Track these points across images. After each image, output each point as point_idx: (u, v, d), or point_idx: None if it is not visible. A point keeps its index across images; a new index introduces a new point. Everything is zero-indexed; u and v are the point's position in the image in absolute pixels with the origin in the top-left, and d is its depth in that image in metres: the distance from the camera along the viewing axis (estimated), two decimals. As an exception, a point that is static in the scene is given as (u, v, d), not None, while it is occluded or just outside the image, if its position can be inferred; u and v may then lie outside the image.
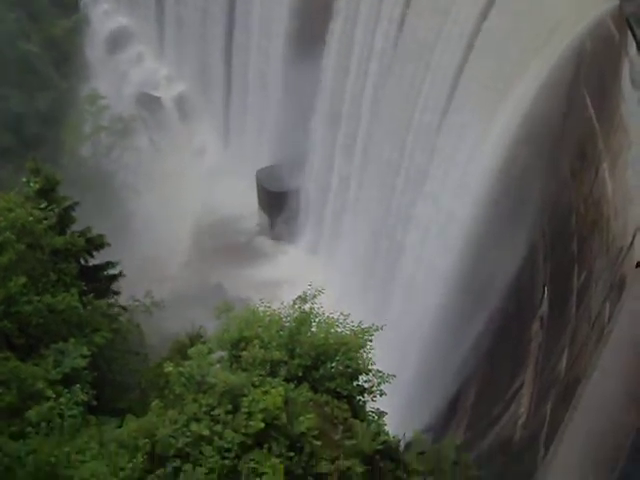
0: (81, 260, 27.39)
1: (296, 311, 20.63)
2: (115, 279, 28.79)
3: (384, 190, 45.32)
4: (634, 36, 26.48)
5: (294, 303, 20.82)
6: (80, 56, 65.06)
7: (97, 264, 28.21)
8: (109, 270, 28.49)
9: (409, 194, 42.49)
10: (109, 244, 27.88)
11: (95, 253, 28.00)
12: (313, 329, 20.35)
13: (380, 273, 46.39)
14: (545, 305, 30.49)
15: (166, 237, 55.93)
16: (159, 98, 66.88)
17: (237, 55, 59.97)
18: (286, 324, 20.47)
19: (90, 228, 27.84)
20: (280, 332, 20.16)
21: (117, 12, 70.16)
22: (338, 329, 20.52)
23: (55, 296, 23.77)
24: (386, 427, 20.62)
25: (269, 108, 56.62)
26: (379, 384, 20.51)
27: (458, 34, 37.29)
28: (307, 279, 24.00)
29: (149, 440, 17.91)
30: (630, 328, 16.92)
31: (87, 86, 63.68)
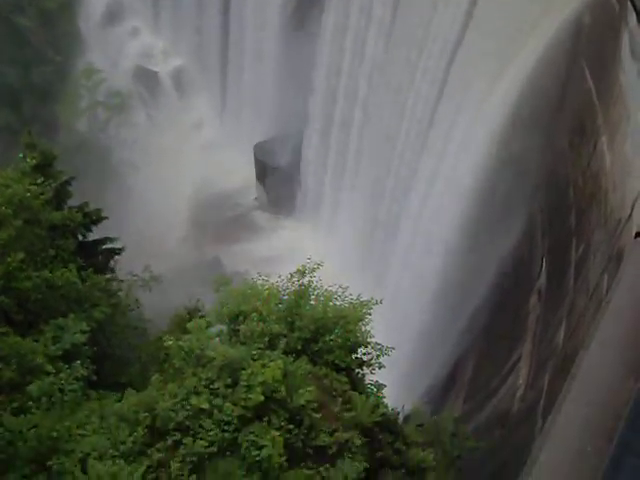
0: (79, 236, 27.33)
1: (294, 284, 20.66)
2: (116, 254, 28.74)
3: (382, 163, 45.21)
4: (634, 7, 26.21)
5: (292, 276, 20.83)
6: (75, 30, 64.43)
7: (96, 239, 28.14)
8: (107, 245, 28.43)
9: (407, 166, 42.39)
10: (106, 217, 27.79)
11: (93, 228, 27.93)
12: (312, 302, 20.41)
13: (378, 246, 46.44)
14: (543, 278, 30.54)
15: (164, 212, 55.89)
16: (156, 73, 66.46)
17: (234, 28, 59.49)
18: (284, 297, 20.52)
19: (87, 203, 27.73)
20: (279, 305, 20.21)
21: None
22: (337, 302, 20.56)
23: (53, 272, 23.73)
24: (385, 400, 20.73)
25: (266, 82, 56.31)
26: (378, 357, 20.60)
27: (455, 5, 37.05)
28: (305, 253, 24.01)
29: (149, 414, 18.01)
30: (628, 298, 16.95)
31: (82, 61, 63.27)
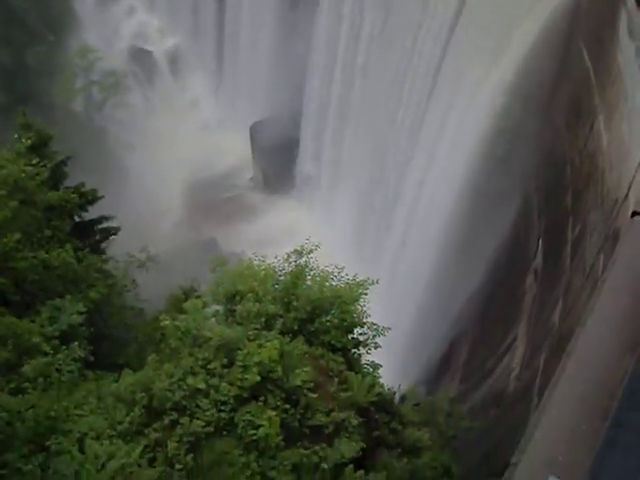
0: (75, 216, 27.26)
1: (291, 265, 20.65)
2: (112, 234, 28.70)
3: (380, 143, 45.07)
4: (631, -15, 26.07)
5: (289, 257, 20.82)
6: (70, 10, 63.96)
7: (92, 219, 28.09)
8: (104, 224, 28.39)
9: (404, 147, 42.29)
10: (102, 197, 27.71)
11: (89, 209, 27.87)
12: (308, 282, 20.41)
13: (375, 227, 46.42)
14: (539, 258, 30.55)
15: (160, 192, 55.79)
16: (151, 52, 66.08)
17: (230, 7, 59.16)
18: (281, 278, 20.52)
19: (83, 183, 27.64)
20: (275, 286, 20.22)
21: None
22: (333, 282, 20.57)
23: (50, 252, 23.71)
24: (381, 380, 20.79)
25: (262, 61, 56.02)
26: (374, 337, 20.64)
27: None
28: (302, 233, 24.02)
29: (146, 394, 18.08)
30: (625, 277, 16.96)
31: (77, 40, 62.86)
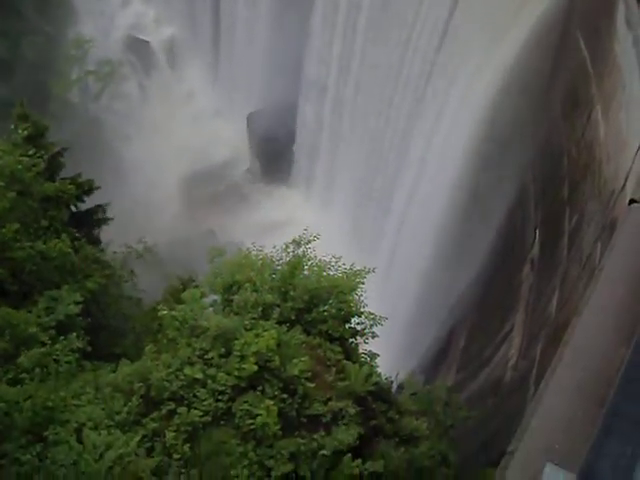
0: (72, 207, 27.22)
1: (289, 255, 20.67)
2: (103, 223, 28.64)
3: (376, 133, 45.04)
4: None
5: (287, 247, 20.84)
6: (65, 0, 63.64)
7: (88, 209, 28.03)
8: (99, 215, 28.35)
9: (401, 136, 42.27)
10: (99, 187, 27.66)
11: (86, 199, 27.82)
12: (306, 272, 20.43)
13: (372, 217, 46.47)
14: (536, 248, 30.61)
15: (157, 183, 55.76)
16: (148, 42, 65.86)
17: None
18: (279, 268, 20.54)
19: (80, 174, 27.57)
20: (273, 275, 20.23)
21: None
22: (330, 272, 20.59)
23: (47, 243, 23.68)
24: (378, 369, 20.85)
25: (259, 52, 55.90)
26: (371, 326, 20.67)
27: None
28: (299, 223, 24.04)
29: (143, 384, 18.10)
30: (622, 265, 17.00)
31: (73, 31, 62.53)
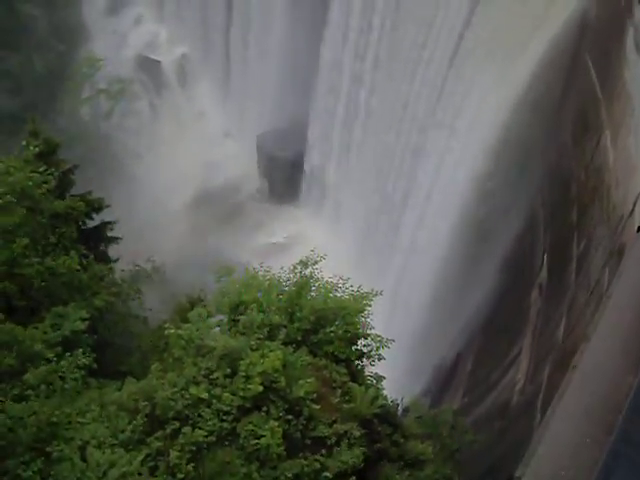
0: (81, 223, 27.32)
1: (296, 275, 20.66)
2: (113, 241, 28.75)
3: (386, 155, 45.14)
4: (639, 1, 26.16)
5: (294, 268, 20.83)
6: (79, 19, 64.38)
7: (96, 225, 28.12)
8: (107, 232, 28.45)
9: (410, 159, 42.35)
10: (109, 205, 27.79)
11: (95, 216, 27.93)
12: (313, 293, 20.41)
13: (381, 238, 46.43)
14: (544, 272, 30.54)
15: (166, 201, 55.92)
16: (159, 62, 66.28)
17: (238, 16, 59.32)
18: (286, 288, 20.52)
19: (90, 191, 27.71)
20: (280, 296, 20.21)
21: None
22: (337, 294, 20.56)
23: (56, 259, 23.76)
24: (384, 391, 20.76)
25: (270, 72, 56.17)
26: (378, 349, 20.58)
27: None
28: (307, 243, 24.03)
29: (149, 403, 18.04)
30: (630, 292, 16.95)
31: (85, 49, 63.21)
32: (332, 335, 19.85)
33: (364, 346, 20.68)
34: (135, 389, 18.74)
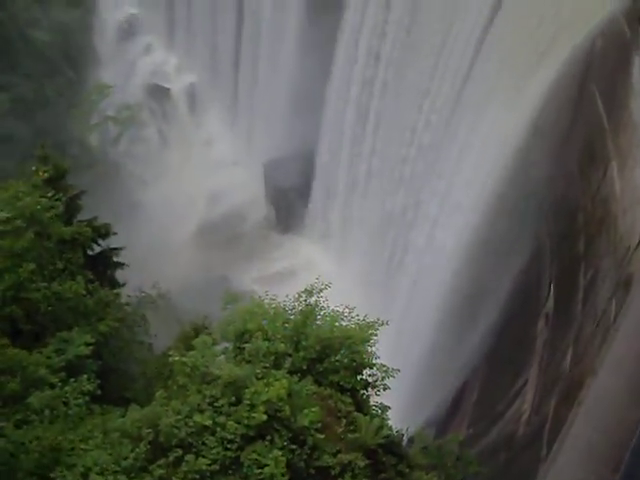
0: (87, 249, 27.41)
1: (301, 304, 20.63)
2: (119, 267, 28.81)
3: (392, 187, 45.30)
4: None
5: (300, 296, 20.81)
6: (90, 46, 65.07)
7: (102, 250, 28.22)
8: (114, 257, 28.52)
9: (417, 186, 42.47)
10: (115, 233, 27.90)
11: (101, 242, 28.02)
12: (318, 322, 20.36)
13: (386, 268, 46.37)
14: (551, 303, 30.43)
15: (172, 228, 56.05)
16: (168, 89, 66.81)
17: (247, 46, 59.89)
18: (291, 317, 20.48)
19: (97, 217, 27.85)
20: (285, 325, 20.16)
21: (127, 1, 70.04)
22: (343, 323, 20.50)
23: (62, 284, 23.82)
24: (389, 421, 20.62)
25: (278, 100, 56.57)
26: (383, 378, 20.48)
27: (467, 32, 37.28)
28: (313, 273, 23.99)
29: (152, 430, 17.93)
30: (637, 324, 16.87)
31: (95, 75, 63.79)
32: (337, 364, 19.75)
33: (369, 376, 20.58)
34: (139, 416, 18.64)
